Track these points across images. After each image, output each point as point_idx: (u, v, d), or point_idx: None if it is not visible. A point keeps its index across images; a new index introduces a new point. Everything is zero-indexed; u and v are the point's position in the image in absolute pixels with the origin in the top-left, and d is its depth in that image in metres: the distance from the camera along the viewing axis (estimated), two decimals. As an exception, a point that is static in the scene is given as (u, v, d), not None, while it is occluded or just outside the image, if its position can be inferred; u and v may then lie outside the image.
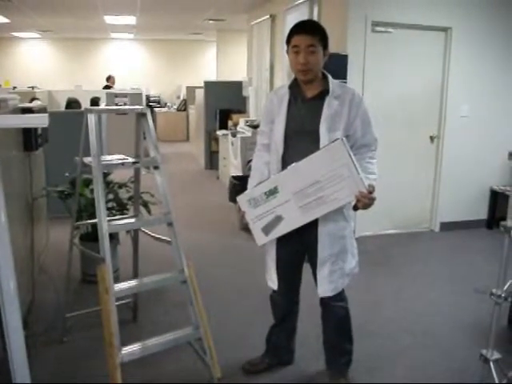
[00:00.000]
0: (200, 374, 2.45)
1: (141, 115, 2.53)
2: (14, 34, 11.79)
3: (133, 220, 2.84)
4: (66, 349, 2.74)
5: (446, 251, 4.61)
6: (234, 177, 5.37)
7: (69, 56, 12.95)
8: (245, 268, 3.97)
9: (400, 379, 2.53)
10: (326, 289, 2.23)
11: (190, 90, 10.56)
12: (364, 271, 2.59)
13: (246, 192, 2.22)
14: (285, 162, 2.17)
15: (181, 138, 11.97)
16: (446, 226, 5.13)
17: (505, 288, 2.14)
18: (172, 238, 2.43)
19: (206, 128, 8.25)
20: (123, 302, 2.88)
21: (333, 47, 4.54)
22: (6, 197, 1.49)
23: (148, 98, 12.02)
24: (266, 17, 6.87)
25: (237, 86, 8.11)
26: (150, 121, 2.51)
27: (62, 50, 12.96)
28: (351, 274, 2.30)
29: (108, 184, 3.58)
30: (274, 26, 6.71)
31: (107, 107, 6.21)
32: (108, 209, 3.36)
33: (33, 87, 10.08)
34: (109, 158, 2.54)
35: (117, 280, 2.49)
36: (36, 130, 3.26)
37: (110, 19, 9.14)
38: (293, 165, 2.07)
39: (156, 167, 2.47)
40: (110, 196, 3.51)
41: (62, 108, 8.44)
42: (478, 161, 5.13)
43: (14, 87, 10.23)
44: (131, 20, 9.27)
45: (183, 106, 12.15)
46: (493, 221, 5.17)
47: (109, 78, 11.54)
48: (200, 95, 8.56)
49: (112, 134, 6.68)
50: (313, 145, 2.09)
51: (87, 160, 2.45)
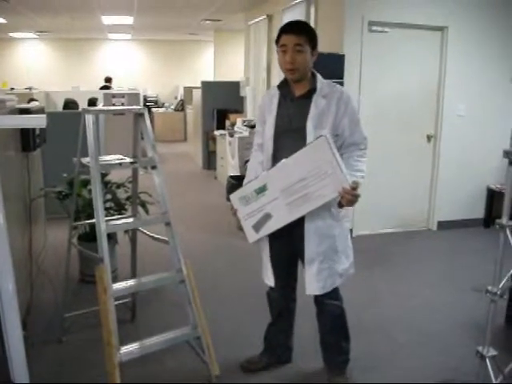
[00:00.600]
0: (199, 373, 2.46)
1: (138, 115, 2.54)
2: (10, 34, 11.77)
3: (131, 220, 2.85)
4: (64, 349, 2.75)
5: (444, 250, 4.63)
6: (231, 176, 5.39)
7: (66, 57, 12.93)
8: (242, 267, 3.99)
9: (397, 377, 2.54)
10: (313, 287, 2.24)
11: (188, 91, 10.56)
12: (361, 270, 2.60)
13: (238, 190, 2.24)
14: (275, 160, 2.18)
15: (178, 138, 11.97)
16: (444, 225, 5.15)
17: (500, 285, 2.16)
18: (170, 238, 2.45)
19: (203, 128, 8.26)
20: (121, 301, 2.88)
21: (329, 47, 4.60)
22: (4, 197, 1.49)
23: (145, 99, 12.02)
24: (263, 17, 6.89)
25: (234, 86, 8.11)
26: (148, 121, 2.52)
27: (60, 51, 12.94)
28: (345, 274, 2.29)
29: (106, 184, 3.59)
30: (270, 26, 6.72)
31: (105, 108, 6.18)
32: (106, 209, 3.36)
33: (30, 88, 10.05)
34: (107, 159, 2.55)
35: (115, 280, 2.50)
36: (34, 130, 3.26)
37: (107, 19, 9.13)
38: (280, 162, 2.09)
39: (154, 167, 2.48)
40: (108, 196, 3.51)
41: (60, 109, 8.44)
42: (475, 159, 5.15)
43: (12, 88, 10.20)
44: (128, 20, 9.27)
45: (181, 107, 12.15)
46: (490, 219, 5.18)
47: (109, 80, 11.55)
48: (197, 95, 8.57)
49: (110, 134, 6.68)
50: (301, 142, 2.10)
51: (85, 160, 2.46)
